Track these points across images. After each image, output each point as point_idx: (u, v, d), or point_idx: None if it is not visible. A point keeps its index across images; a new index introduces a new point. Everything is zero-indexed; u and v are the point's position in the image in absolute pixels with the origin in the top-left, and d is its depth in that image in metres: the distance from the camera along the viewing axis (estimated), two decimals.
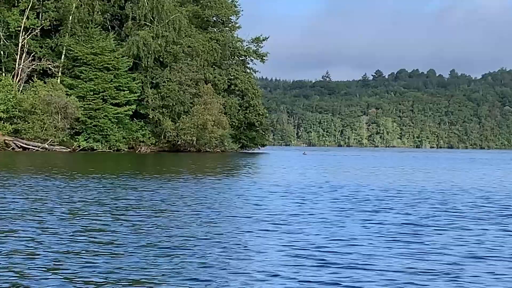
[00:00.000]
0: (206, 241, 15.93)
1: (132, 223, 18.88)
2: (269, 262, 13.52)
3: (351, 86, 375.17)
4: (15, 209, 21.54)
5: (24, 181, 33.82)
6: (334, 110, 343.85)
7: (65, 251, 14.17)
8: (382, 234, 17.81)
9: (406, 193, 31.79)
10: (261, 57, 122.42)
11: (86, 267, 12.67)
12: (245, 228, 18.47)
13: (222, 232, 17.42)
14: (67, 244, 15.02)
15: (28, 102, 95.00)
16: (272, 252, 14.69)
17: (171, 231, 17.34)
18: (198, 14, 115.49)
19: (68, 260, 13.23)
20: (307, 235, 17.25)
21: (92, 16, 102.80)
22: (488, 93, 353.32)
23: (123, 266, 12.80)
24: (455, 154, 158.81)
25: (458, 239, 17.19)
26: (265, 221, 19.95)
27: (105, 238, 16.03)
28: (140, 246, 15.03)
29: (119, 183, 33.95)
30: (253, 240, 16.37)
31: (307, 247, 15.37)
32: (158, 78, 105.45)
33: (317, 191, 32.29)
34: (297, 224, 19.43)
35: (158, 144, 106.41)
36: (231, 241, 16.06)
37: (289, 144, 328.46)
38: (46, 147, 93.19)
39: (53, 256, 13.56)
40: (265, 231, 17.92)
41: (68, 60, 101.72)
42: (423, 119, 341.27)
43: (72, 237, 15.96)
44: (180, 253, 14.19)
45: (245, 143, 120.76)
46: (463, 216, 22.63)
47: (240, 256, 14.15)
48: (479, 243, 16.64)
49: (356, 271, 12.93)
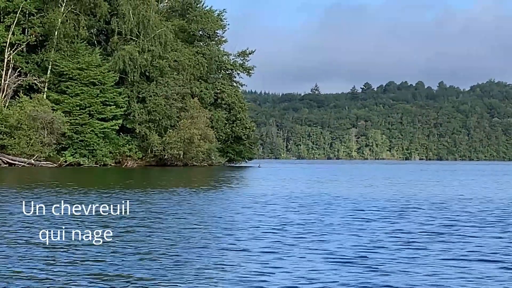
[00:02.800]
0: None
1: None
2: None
3: (340, 98, 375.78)
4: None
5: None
6: (323, 123, 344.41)
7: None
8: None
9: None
10: (247, 70, 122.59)
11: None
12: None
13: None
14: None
15: (14, 118, 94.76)
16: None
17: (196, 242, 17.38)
18: (184, 28, 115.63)
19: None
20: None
21: (78, 31, 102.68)
22: (477, 104, 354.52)
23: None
24: (453, 166, 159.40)
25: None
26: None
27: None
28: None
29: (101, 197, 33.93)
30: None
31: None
32: (144, 92, 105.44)
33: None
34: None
35: (145, 158, 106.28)
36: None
37: (279, 157, 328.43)
38: (32, 162, 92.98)
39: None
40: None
41: (54, 75, 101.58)
42: (412, 131, 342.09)
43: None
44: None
45: (232, 156, 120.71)
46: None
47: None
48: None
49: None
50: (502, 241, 19.77)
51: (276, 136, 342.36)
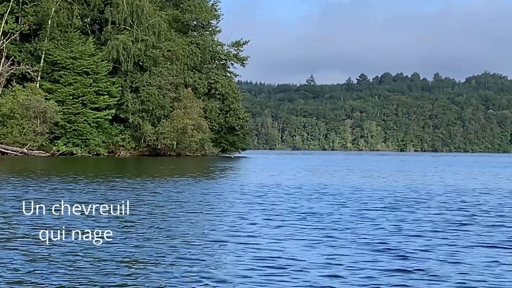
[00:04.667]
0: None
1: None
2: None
3: (336, 90, 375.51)
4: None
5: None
6: (319, 114, 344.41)
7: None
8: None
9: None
10: (241, 61, 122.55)
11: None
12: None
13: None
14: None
15: (7, 107, 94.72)
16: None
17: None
18: (178, 18, 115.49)
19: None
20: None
21: (71, 20, 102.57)
22: (472, 96, 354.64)
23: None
24: (458, 158, 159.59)
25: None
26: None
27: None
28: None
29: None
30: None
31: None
32: (137, 82, 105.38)
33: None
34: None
35: (138, 148, 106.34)
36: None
37: (274, 148, 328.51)
38: (25, 151, 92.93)
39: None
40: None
41: (47, 65, 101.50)
42: (407, 123, 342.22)
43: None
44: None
45: (225, 147, 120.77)
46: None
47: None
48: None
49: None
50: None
51: (271, 126, 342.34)
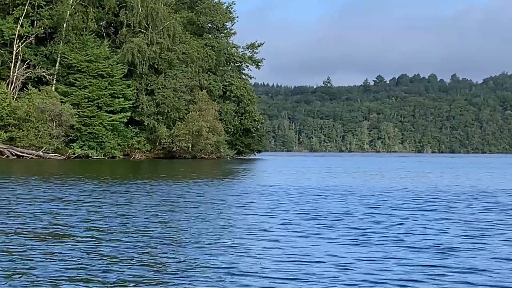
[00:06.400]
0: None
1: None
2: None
3: (352, 91, 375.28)
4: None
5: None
6: (336, 116, 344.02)
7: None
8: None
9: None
10: (256, 63, 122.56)
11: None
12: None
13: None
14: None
15: (23, 110, 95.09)
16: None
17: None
18: (193, 21, 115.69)
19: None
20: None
21: (86, 23, 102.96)
22: (490, 97, 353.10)
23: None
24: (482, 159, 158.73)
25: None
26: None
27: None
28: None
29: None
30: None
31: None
32: (153, 85, 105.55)
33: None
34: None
35: (153, 151, 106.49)
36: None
37: (291, 150, 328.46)
38: (40, 154, 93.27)
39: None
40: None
41: (62, 68, 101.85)
42: (424, 124, 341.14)
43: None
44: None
45: (241, 149, 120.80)
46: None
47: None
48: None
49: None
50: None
51: (288, 128, 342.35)
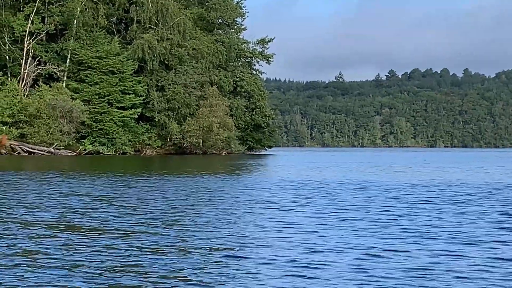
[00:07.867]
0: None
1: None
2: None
3: (365, 86, 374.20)
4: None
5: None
6: (348, 111, 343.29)
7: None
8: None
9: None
10: (266, 58, 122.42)
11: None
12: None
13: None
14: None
15: (34, 107, 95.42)
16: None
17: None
18: (203, 17, 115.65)
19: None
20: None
21: (96, 20, 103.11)
22: (502, 91, 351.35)
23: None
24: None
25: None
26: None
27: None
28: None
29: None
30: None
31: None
32: (163, 81, 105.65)
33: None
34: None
35: (164, 147, 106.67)
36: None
37: (303, 145, 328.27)
38: (51, 151, 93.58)
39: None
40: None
41: (73, 64, 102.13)
42: (437, 119, 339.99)
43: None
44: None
45: (251, 144, 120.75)
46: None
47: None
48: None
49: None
50: None
51: (300, 124, 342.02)
